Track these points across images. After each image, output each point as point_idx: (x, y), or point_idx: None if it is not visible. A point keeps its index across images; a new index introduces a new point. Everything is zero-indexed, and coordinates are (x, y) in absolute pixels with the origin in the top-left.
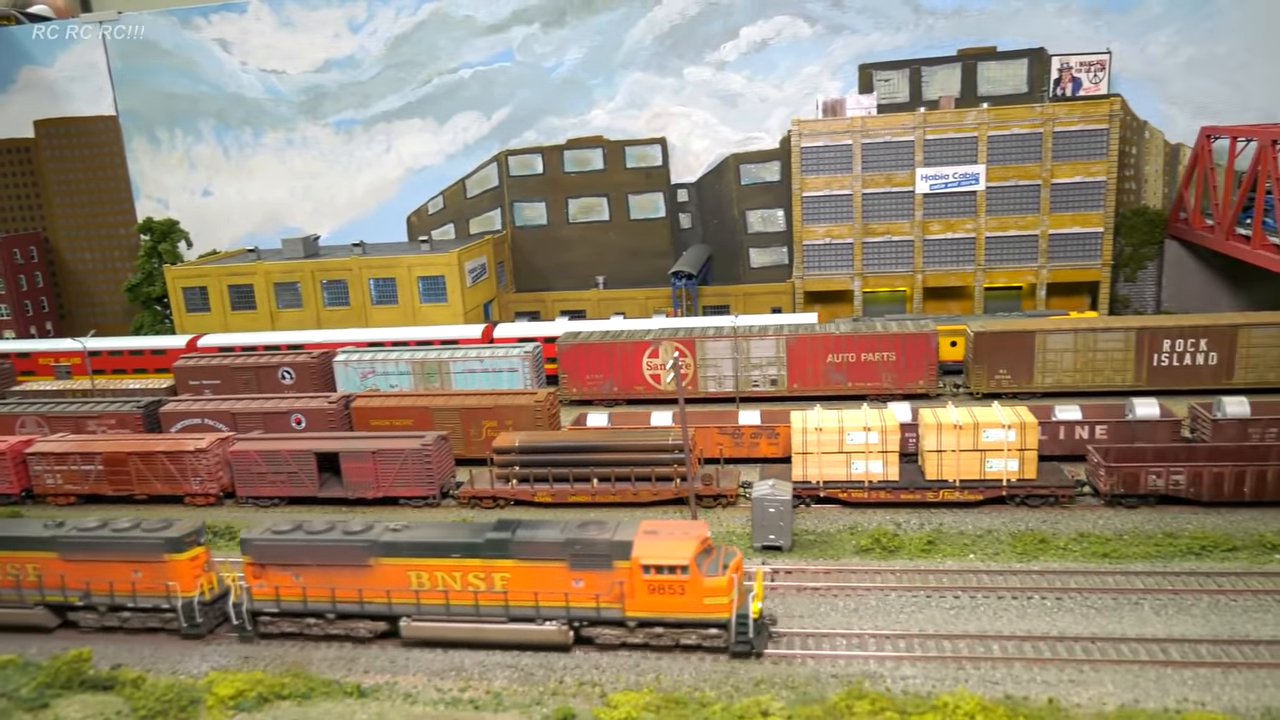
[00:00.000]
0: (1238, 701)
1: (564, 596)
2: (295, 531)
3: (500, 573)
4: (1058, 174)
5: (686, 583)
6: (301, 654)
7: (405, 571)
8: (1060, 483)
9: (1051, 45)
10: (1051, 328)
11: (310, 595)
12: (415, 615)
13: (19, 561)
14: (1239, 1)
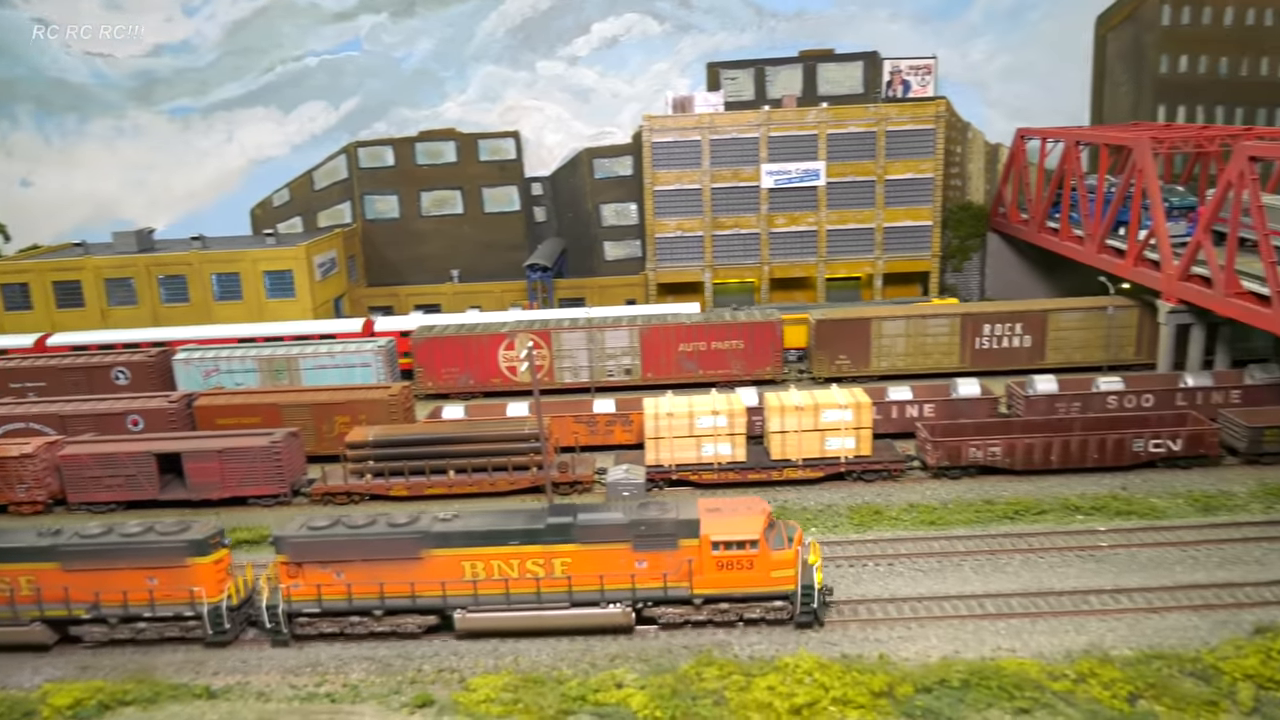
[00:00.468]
0: (1043, 646)
1: (629, 578)
2: (336, 527)
3: (561, 558)
4: (891, 171)
5: (756, 557)
6: (145, 659)
7: (459, 562)
8: (893, 458)
9: (884, 49)
10: (885, 315)
11: (356, 592)
12: (472, 606)
13: (10, 575)
14: (1049, 14)
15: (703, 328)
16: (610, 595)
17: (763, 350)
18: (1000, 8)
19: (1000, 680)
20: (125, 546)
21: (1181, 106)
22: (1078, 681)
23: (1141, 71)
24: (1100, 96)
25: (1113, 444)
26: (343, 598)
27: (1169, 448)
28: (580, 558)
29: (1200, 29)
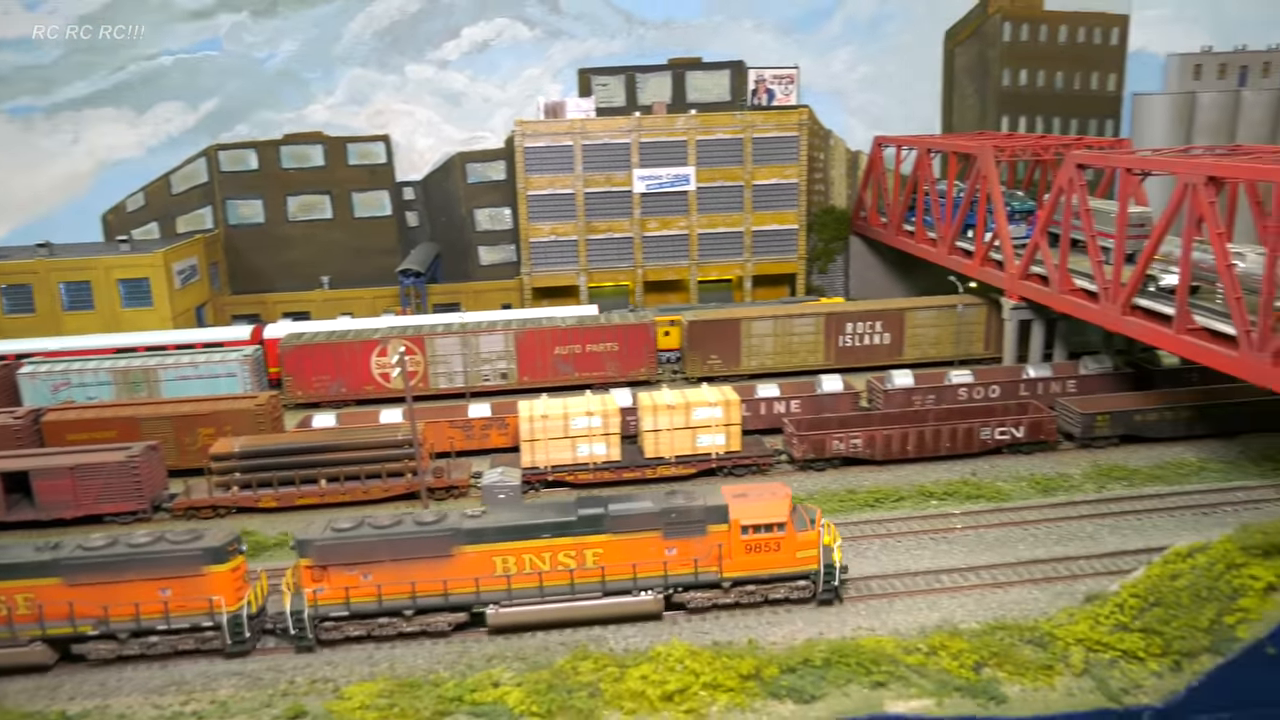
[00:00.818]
0: (900, 624)
1: (661, 565)
2: (361, 528)
3: (593, 548)
4: (757, 176)
5: (783, 539)
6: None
7: (490, 557)
8: (761, 453)
9: (749, 59)
10: (755, 315)
11: (386, 593)
12: (505, 601)
13: (6, 592)
14: (903, 27)
15: (578, 330)
16: (642, 583)
17: (637, 352)
18: (859, 21)
19: (859, 657)
20: (136, 557)
21: (1023, 117)
22: (929, 654)
23: (986, 84)
24: (950, 107)
25: (963, 433)
26: (372, 599)
27: (1013, 435)
28: (612, 548)
29: (1037, 46)
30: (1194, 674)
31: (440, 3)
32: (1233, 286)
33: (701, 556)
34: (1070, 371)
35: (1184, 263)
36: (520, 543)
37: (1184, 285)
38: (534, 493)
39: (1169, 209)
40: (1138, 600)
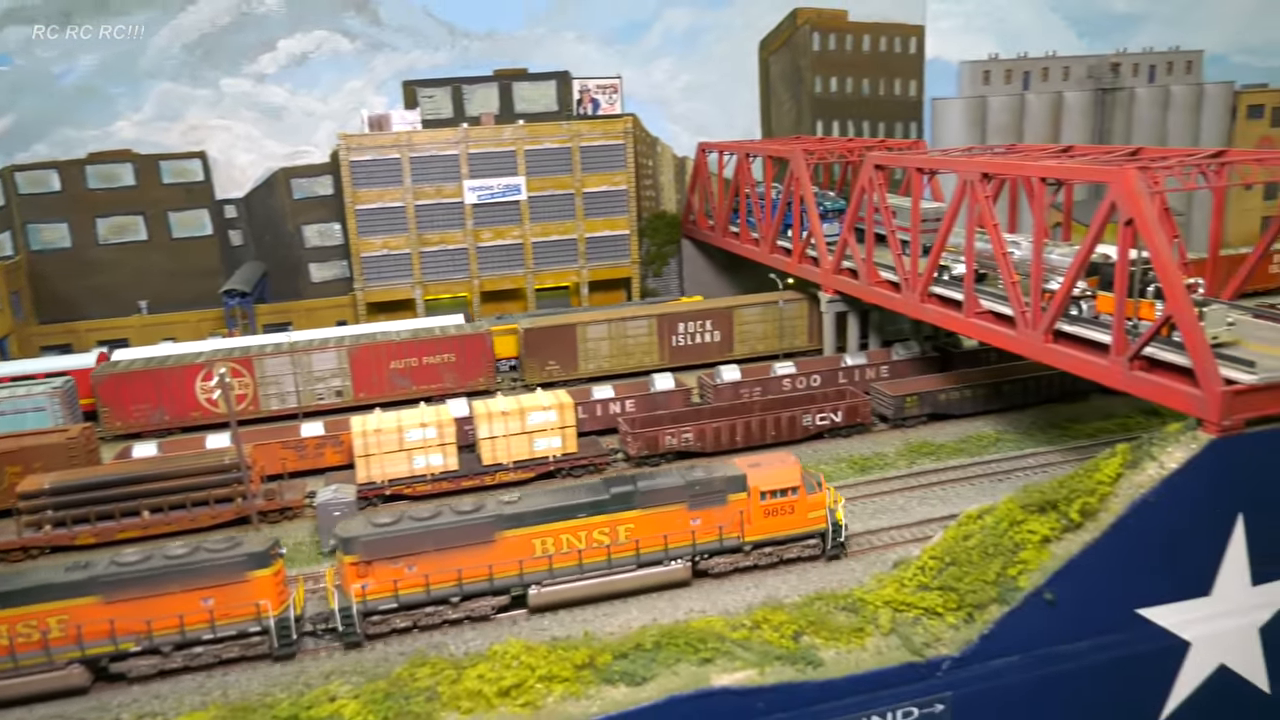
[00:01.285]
0: (729, 604)
1: (689, 535)
2: (403, 522)
3: (625, 524)
4: (587, 184)
5: (796, 502)
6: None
7: (530, 540)
8: (597, 453)
9: (574, 69)
10: (589, 320)
11: (434, 582)
12: (547, 580)
13: (39, 616)
14: (719, 38)
15: (413, 344)
16: (673, 553)
17: (475, 362)
18: (676, 32)
19: (688, 637)
20: (177, 568)
21: (836, 121)
22: (753, 629)
23: (800, 91)
24: (768, 113)
25: (787, 420)
26: (420, 589)
27: (832, 420)
28: (643, 522)
29: (844, 55)
30: (985, 623)
31: (252, 15)
32: (1009, 272)
33: (725, 524)
34: (884, 358)
35: (968, 252)
36: (558, 524)
37: (970, 273)
38: (372, 508)
39: (953, 204)
40: (936, 562)
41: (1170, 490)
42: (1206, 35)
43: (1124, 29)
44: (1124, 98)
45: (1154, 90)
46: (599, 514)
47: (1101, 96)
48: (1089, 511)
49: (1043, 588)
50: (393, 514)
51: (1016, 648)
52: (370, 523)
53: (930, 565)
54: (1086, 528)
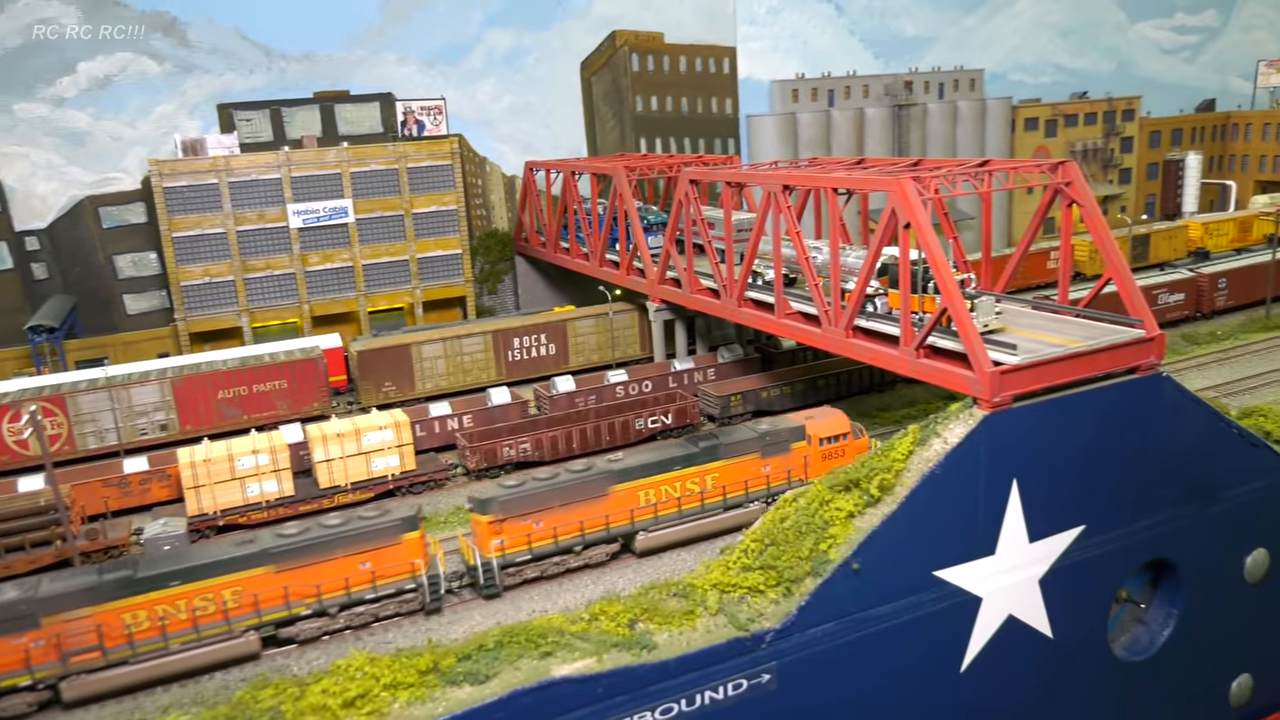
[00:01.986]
0: (569, 602)
1: (764, 480)
2: (528, 484)
3: (710, 473)
4: (416, 205)
5: (847, 446)
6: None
7: (636, 492)
8: (436, 469)
9: (397, 91)
10: (424, 339)
11: (560, 534)
12: (651, 527)
13: (214, 589)
14: (541, 60)
15: (241, 372)
16: (751, 496)
17: (308, 387)
18: (498, 54)
19: (529, 634)
20: (341, 536)
21: (658, 138)
22: (591, 621)
23: (622, 110)
24: (593, 131)
25: (620, 426)
26: (550, 541)
27: (664, 422)
28: (724, 471)
29: (663, 75)
30: (801, 596)
31: (46, 38)
32: (812, 276)
33: (791, 468)
34: (710, 362)
35: (776, 259)
36: (659, 476)
37: (779, 277)
38: (204, 539)
39: (760, 213)
40: (757, 544)
41: (953, 462)
42: (986, 55)
43: (914, 50)
44: (918, 113)
45: (943, 105)
46: (691, 466)
47: (898, 112)
48: (886, 487)
49: (850, 559)
50: (516, 479)
51: (831, 616)
52: (500, 486)
53: (752, 547)
54: (885, 501)
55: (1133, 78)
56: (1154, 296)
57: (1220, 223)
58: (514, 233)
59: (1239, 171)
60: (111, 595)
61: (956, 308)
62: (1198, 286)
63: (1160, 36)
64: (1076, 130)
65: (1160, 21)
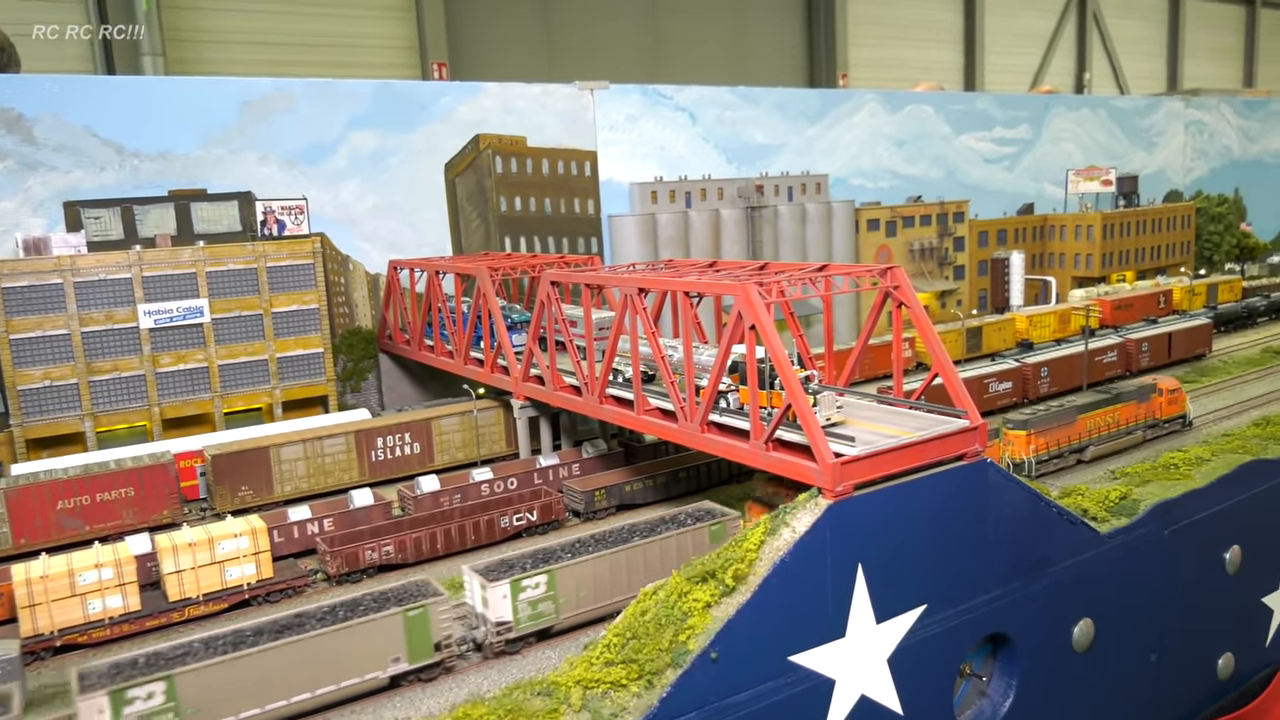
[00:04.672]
0: (433, 707)
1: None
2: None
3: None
4: (276, 304)
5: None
6: None
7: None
8: (295, 575)
9: (257, 190)
10: (283, 441)
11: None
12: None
13: None
14: (405, 160)
15: (83, 480)
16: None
17: (157, 494)
18: (362, 155)
19: None
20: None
21: (522, 237)
22: None
23: (487, 209)
24: (458, 230)
25: (485, 524)
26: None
27: (528, 519)
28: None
29: (526, 176)
30: (662, 688)
31: None
32: (668, 373)
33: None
34: (574, 457)
35: (634, 357)
36: (1098, 411)
37: (637, 375)
38: (40, 664)
39: (618, 314)
40: (619, 638)
41: (802, 550)
42: (830, 161)
43: (764, 156)
44: (770, 214)
45: (793, 208)
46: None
47: (751, 213)
48: (740, 576)
49: (708, 648)
50: (1026, 415)
51: (692, 706)
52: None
53: (615, 642)
54: (740, 590)
55: (961, 183)
56: (985, 385)
57: (1042, 315)
58: (378, 330)
59: (1058, 268)
60: None
61: (799, 403)
62: (1023, 375)
63: (983, 147)
64: (914, 231)
65: (981, 134)
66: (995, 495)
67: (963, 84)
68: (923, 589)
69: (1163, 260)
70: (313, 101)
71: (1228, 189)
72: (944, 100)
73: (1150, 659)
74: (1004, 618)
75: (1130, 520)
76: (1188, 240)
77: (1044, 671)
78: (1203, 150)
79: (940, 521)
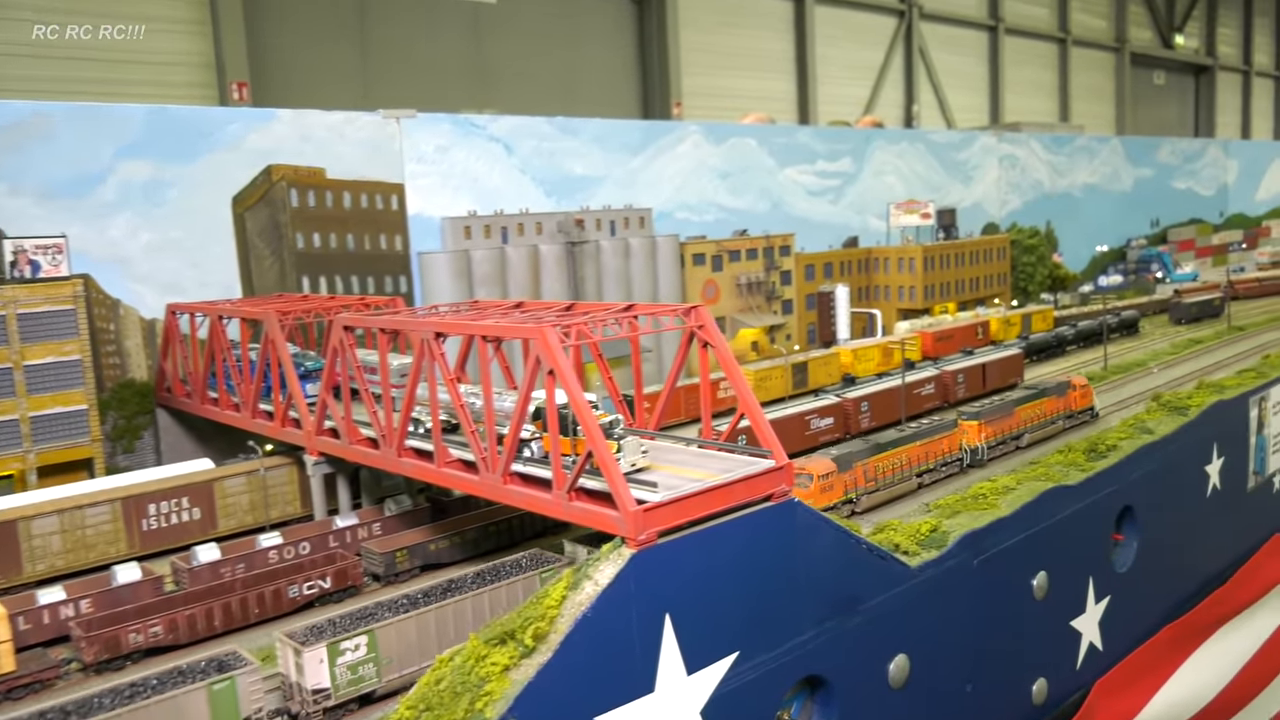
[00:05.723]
0: None
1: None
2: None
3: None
4: (29, 356)
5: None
6: None
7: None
8: (43, 665)
9: (7, 227)
10: (33, 512)
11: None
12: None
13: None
14: (186, 193)
15: None
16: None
17: None
18: (134, 186)
19: None
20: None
21: (323, 276)
22: None
23: (282, 247)
24: (249, 269)
25: (271, 595)
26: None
27: (321, 587)
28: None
29: (326, 211)
30: None
31: None
32: (468, 422)
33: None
34: (376, 515)
35: (433, 405)
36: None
37: (436, 425)
38: None
39: (415, 360)
40: (412, 711)
41: (605, 604)
42: (654, 194)
43: (584, 189)
44: (591, 249)
45: (616, 242)
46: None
47: (572, 249)
48: (540, 635)
49: (506, 715)
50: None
51: None
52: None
53: (408, 715)
54: (540, 650)
55: (788, 216)
56: (807, 422)
57: (866, 349)
58: (155, 383)
59: (884, 300)
60: None
61: (599, 449)
62: (844, 410)
63: (807, 180)
64: (740, 265)
65: (805, 167)
66: (804, 535)
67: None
68: (734, 636)
69: (981, 291)
70: (75, 127)
71: (1040, 221)
72: (767, 133)
73: (966, 689)
74: (819, 659)
75: (940, 552)
76: (1004, 272)
77: (862, 711)
78: (1016, 184)
79: (749, 565)
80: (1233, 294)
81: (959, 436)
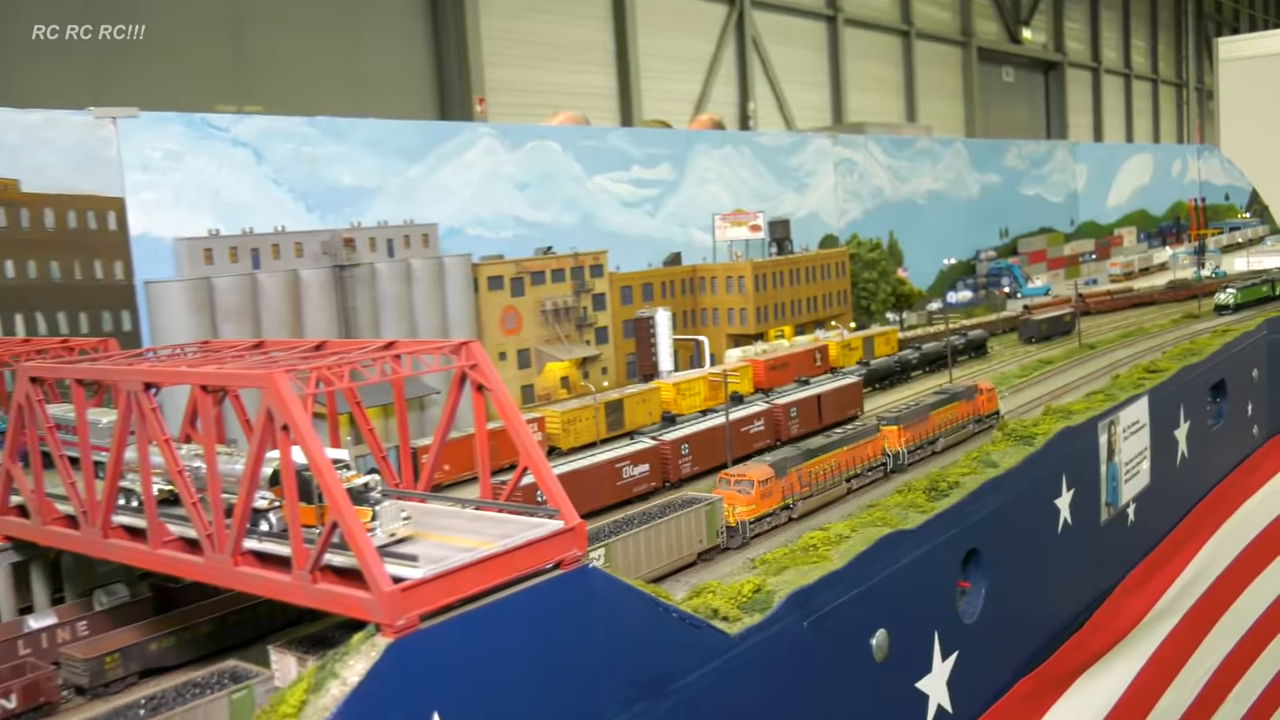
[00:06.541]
0: None
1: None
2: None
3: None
4: None
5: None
6: None
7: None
8: None
9: None
10: None
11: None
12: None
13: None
14: None
15: None
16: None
17: None
18: None
19: None
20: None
21: (19, 315)
22: None
23: None
24: None
25: None
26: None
27: (3, 707)
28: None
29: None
30: None
31: None
32: (188, 491)
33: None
34: (81, 612)
35: (144, 472)
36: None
37: (148, 496)
38: None
39: (120, 417)
40: None
41: (356, 708)
42: (439, 209)
43: (355, 203)
44: (365, 273)
45: (395, 264)
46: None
47: (340, 274)
48: None
49: None
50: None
51: None
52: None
53: None
54: None
55: (600, 230)
56: (619, 470)
57: (690, 382)
58: None
59: (711, 325)
60: None
61: (344, 518)
62: (661, 455)
63: (620, 189)
64: (545, 288)
65: (618, 174)
66: (603, 605)
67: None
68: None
69: (820, 312)
70: None
71: (882, 232)
72: (572, 135)
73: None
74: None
75: (765, 615)
76: (844, 290)
77: None
78: (854, 191)
79: (536, 646)
80: (1084, 309)
81: (881, 442)
